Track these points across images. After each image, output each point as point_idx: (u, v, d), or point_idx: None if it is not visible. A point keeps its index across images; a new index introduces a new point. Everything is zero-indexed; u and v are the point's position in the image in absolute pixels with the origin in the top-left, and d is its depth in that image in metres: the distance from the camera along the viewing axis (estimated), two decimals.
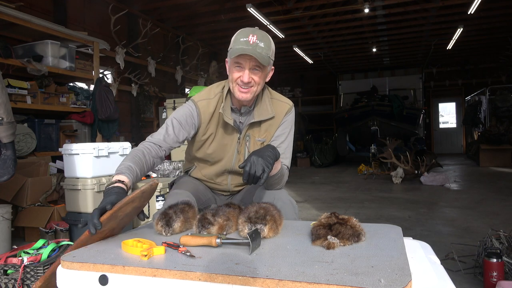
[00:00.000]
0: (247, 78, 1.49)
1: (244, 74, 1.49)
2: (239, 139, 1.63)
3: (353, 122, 9.77)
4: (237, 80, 1.52)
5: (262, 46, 1.46)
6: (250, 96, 1.54)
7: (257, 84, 1.53)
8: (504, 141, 8.72)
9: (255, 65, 1.49)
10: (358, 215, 4.10)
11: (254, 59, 1.45)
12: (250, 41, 1.45)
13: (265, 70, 1.54)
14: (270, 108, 1.62)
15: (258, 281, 0.87)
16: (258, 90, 1.56)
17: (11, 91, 3.69)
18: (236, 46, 1.46)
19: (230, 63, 1.53)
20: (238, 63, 1.49)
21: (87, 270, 1.00)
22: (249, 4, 6.65)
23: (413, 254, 1.15)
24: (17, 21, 3.83)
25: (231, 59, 1.51)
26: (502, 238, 2.35)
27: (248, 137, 1.64)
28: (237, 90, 1.53)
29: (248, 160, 1.34)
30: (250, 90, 1.53)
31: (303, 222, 1.43)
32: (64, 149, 3.18)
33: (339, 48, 10.68)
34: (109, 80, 6.09)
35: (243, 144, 1.64)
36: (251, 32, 1.48)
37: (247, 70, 1.49)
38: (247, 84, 1.51)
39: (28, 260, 1.73)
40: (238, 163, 1.64)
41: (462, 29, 8.39)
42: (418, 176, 6.61)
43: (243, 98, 1.54)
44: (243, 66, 1.49)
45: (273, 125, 1.65)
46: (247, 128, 1.62)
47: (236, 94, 1.54)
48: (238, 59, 1.48)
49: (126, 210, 1.22)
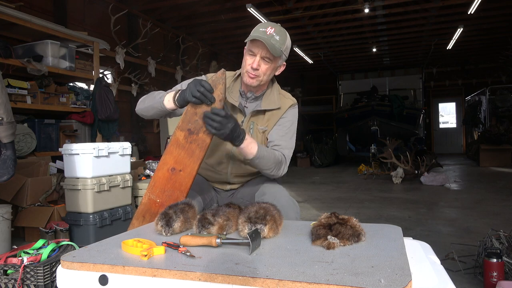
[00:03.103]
0: (256, 65, 1.57)
1: (254, 60, 1.57)
2: (242, 122, 1.69)
3: (353, 122, 9.77)
4: (247, 67, 1.59)
5: (277, 39, 1.54)
6: (255, 83, 1.62)
7: (263, 74, 1.60)
8: (504, 141, 8.72)
9: (265, 56, 1.56)
10: (358, 215, 4.10)
11: (266, 49, 1.53)
12: (267, 32, 1.53)
13: (275, 63, 1.61)
14: (278, 100, 1.71)
15: (258, 281, 0.87)
16: (264, 80, 1.63)
17: (11, 91, 3.69)
18: (253, 34, 1.54)
19: (246, 50, 1.62)
20: (251, 51, 1.57)
21: (87, 270, 1.00)
22: (249, 4, 6.65)
23: (413, 254, 1.15)
24: (17, 21, 3.83)
25: (247, 47, 1.60)
26: (502, 238, 2.35)
27: (252, 125, 1.69)
28: (246, 76, 1.61)
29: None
30: (256, 78, 1.60)
31: (303, 222, 1.43)
32: (64, 149, 3.18)
33: (339, 48, 10.68)
34: (109, 80, 6.09)
35: (246, 130, 1.68)
36: (271, 25, 1.57)
37: (258, 57, 1.57)
38: (255, 70, 1.57)
39: (28, 260, 1.73)
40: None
41: (462, 29, 8.39)
42: (418, 176, 6.61)
43: (249, 83, 1.61)
44: (256, 53, 1.56)
45: (275, 116, 1.71)
46: (251, 114, 1.69)
47: (244, 78, 1.62)
48: (252, 46, 1.56)
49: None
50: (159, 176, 1.47)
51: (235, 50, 10.25)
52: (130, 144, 3.46)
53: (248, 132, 1.67)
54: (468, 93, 12.54)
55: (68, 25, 5.14)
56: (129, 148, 3.41)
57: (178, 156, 1.44)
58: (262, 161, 1.55)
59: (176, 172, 1.45)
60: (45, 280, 1.67)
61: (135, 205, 3.57)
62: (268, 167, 1.60)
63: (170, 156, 1.44)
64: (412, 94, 11.19)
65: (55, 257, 1.79)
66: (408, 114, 9.53)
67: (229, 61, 10.77)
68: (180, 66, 7.87)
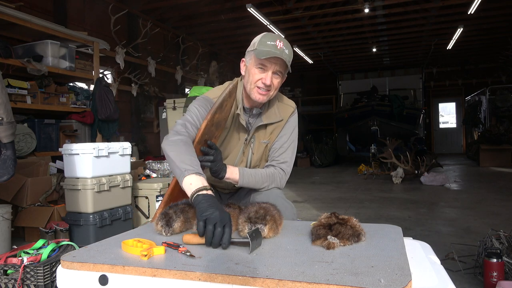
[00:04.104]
0: (269, 81, 1.50)
1: (267, 76, 1.50)
2: (246, 140, 1.66)
3: (353, 122, 9.77)
4: (258, 82, 1.52)
5: (287, 53, 1.49)
6: (266, 99, 1.57)
7: (274, 88, 1.56)
8: (504, 141, 8.72)
9: (279, 70, 1.51)
10: (358, 215, 4.09)
11: (280, 63, 1.48)
12: (278, 46, 1.47)
13: (284, 77, 1.57)
14: (278, 112, 1.66)
15: (258, 281, 0.87)
16: (273, 94, 1.59)
17: (11, 91, 3.69)
18: (265, 49, 1.46)
19: (252, 63, 1.52)
20: (263, 65, 1.50)
21: (87, 270, 1.00)
22: (249, 4, 6.65)
23: (413, 254, 1.15)
24: (17, 21, 3.82)
25: (255, 60, 1.51)
26: (502, 238, 2.35)
27: (253, 139, 1.67)
28: (255, 92, 1.53)
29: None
30: (268, 94, 1.54)
31: (303, 222, 1.43)
32: (64, 149, 3.18)
33: (339, 48, 10.68)
34: (109, 80, 6.09)
35: (248, 146, 1.67)
36: (277, 38, 1.50)
37: (270, 73, 1.50)
38: (268, 87, 1.52)
39: (28, 260, 1.73)
40: (240, 164, 1.68)
41: (462, 29, 8.40)
42: (418, 176, 6.61)
43: (260, 100, 1.55)
44: (268, 68, 1.50)
45: (278, 128, 1.68)
46: (254, 130, 1.65)
47: (254, 95, 1.54)
48: (265, 61, 1.48)
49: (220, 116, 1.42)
50: (175, 191, 1.47)
51: (235, 50, 10.25)
52: (130, 144, 3.46)
53: (249, 148, 1.67)
54: (468, 93, 12.54)
55: (68, 25, 5.14)
56: (129, 148, 3.41)
57: None
58: (250, 183, 1.61)
59: None
60: (45, 280, 1.67)
61: (135, 205, 3.57)
62: (260, 185, 1.64)
63: None
64: (412, 94, 11.19)
65: (55, 257, 1.79)
66: (408, 114, 9.53)
67: (229, 61, 10.77)
68: (180, 66, 7.87)
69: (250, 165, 1.70)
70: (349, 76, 12.67)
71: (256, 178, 1.62)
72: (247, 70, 1.56)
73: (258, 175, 1.63)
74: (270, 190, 1.67)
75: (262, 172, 1.65)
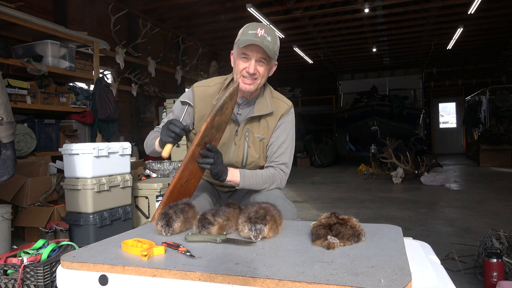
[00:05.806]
0: (253, 69, 1.53)
1: (250, 65, 1.53)
2: (237, 131, 1.66)
3: (353, 122, 9.77)
4: (243, 71, 1.56)
5: (269, 40, 1.51)
6: (253, 88, 1.58)
7: (261, 76, 1.57)
8: (504, 141, 8.72)
9: (262, 57, 1.53)
10: (358, 215, 4.09)
11: (262, 51, 1.51)
12: (259, 34, 1.50)
13: (270, 64, 1.59)
14: (270, 104, 1.66)
15: (258, 281, 0.87)
16: (261, 82, 1.60)
17: (11, 91, 3.69)
18: (245, 38, 1.51)
19: (237, 54, 1.58)
20: (245, 54, 1.53)
21: (87, 270, 1.00)
22: (249, 4, 6.65)
23: (413, 254, 1.15)
24: (17, 21, 3.82)
25: (238, 50, 1.55)
26: (502, 238, 2.35)
27: (248, 132, 1.66)
28: (241, 81, 1.56)
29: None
30: (254, 82, 1.57)
31: (303, 222, 1.43)
32: (64, 149, 3.18)
33: (339, 48, 10.68)
34: (109, 80, 6.09)
35: (242, 137, 1.66)
36: (259, 26, 1.53)
37: (254, 61, 1.53)
38: (252, 75, 1.55)
39: (28, 260, 1.73)
40: (235, 156, 1.68)
41: (462, 29, 8.39)
42: (418, 176, 6.61)
43: (247, 89, 1.57)
44: (250, 57, 1.53)
45: (271, 122, 1.67)
46: (245, 122, 1.65)
47: (241, 85, 1.55)
48: (246, 50, 1.52)
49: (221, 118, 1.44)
50: (174, 192, 1.48)
51: None
52: (130, 144, 3.46)
53: (244, 140, 1.66)
54: (468, 93, 12.54)
55: (68, 25, 5.14)
56: (129, 148, 3.41)
57: (193, 169, 1.48)
58: (251, 185, 1.62)
59: (188, 182, 1.50)
60: (45, 280, 1.67)
61: (135, 205, 3.57)
62: (261, 187, 1.64)
63: (187, 171, 1.46)
64: (412, 94, 11.19)
65: (55, 257, 1.79)
66: (408, 114, 9.53)
67: (229, 61, 10.70)
68: (180, 66, 7.87)
69: (247, 159, 1.68)
70: (349, 76, 12.67)
71: (257, 180, 1.62)
72: (234, 62, 1.61)
73: (259, 176, 1.63)
74: (270, 190, 1.67)
75: (263, 173, 1.65)
